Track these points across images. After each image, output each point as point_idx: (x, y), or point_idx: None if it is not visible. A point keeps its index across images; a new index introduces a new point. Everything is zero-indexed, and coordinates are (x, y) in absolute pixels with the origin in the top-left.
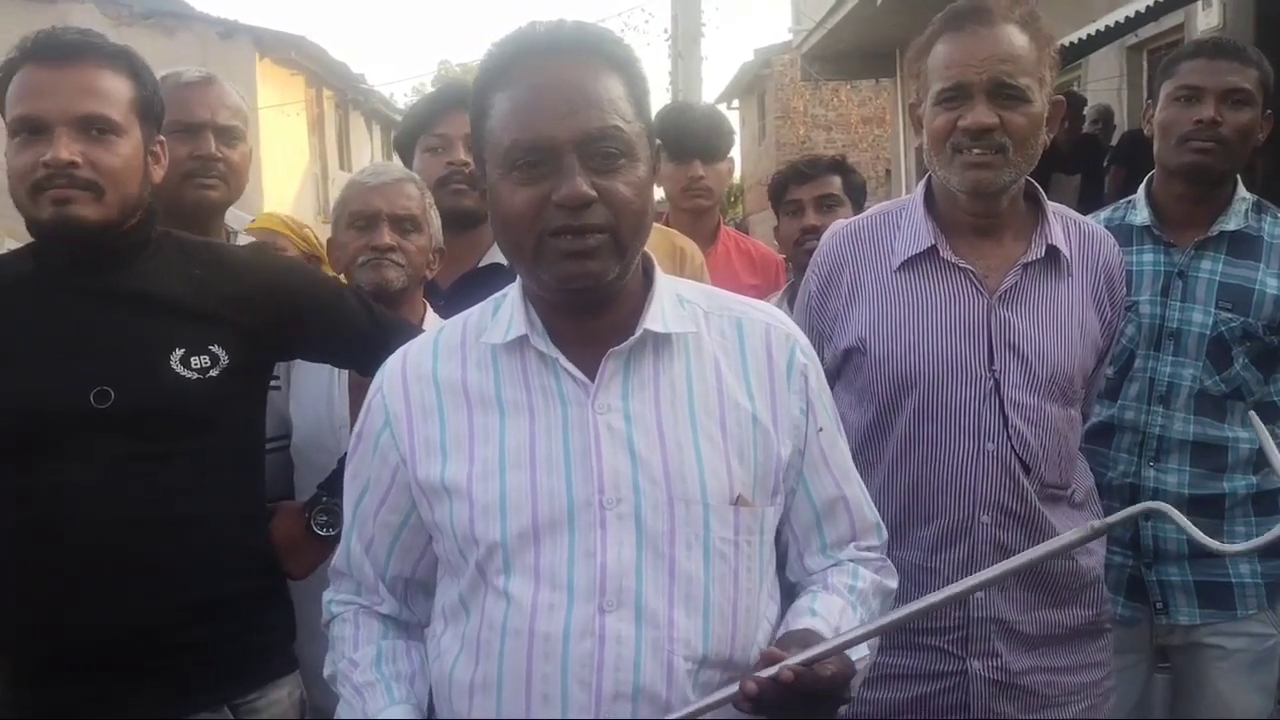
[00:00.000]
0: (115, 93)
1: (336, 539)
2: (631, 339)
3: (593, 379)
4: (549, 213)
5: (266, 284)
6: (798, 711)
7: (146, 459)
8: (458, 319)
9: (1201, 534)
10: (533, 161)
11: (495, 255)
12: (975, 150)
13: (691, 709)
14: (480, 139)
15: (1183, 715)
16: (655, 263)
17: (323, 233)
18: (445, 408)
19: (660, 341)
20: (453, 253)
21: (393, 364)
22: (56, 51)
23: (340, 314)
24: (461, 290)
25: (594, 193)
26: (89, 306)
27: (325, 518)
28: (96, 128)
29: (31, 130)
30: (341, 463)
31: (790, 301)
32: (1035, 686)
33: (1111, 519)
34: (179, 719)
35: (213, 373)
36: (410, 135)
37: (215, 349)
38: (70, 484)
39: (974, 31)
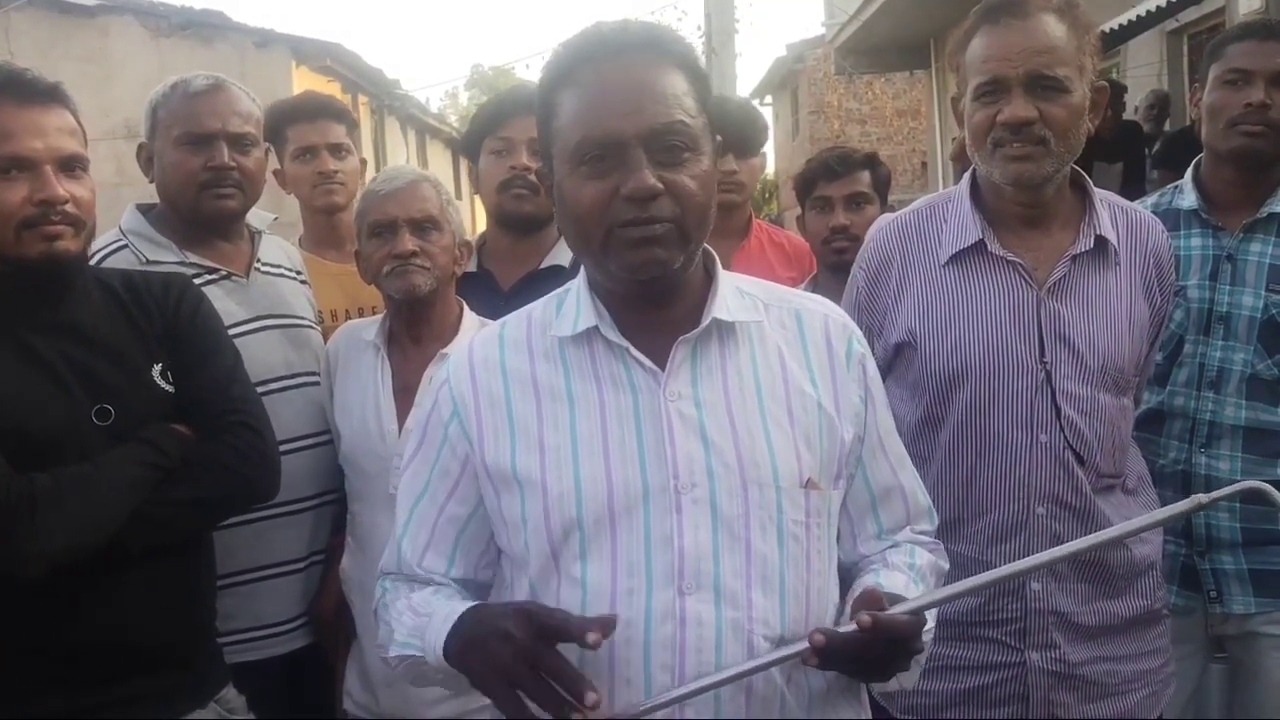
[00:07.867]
0: None
1: None
2: (700, 327)
3: (661, 368)
4: (617, 205)
5: (181, 316)
6: (870, 664)
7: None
8: (521, 314)
9: None
10: (600, 156)
11: (556, 257)
12: (1015, 144)
13: (759, 661)
14: (547, 137)
15: (1240, 705)
16: (716, 258)
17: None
18: (513, 397)
19: (725, 330)
20: (515, 255)
21: (458, 356)
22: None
23: (206, 370)
24: (523, 292)
25: (660, 185)
26: (69, 330)
27: None
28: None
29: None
30: None
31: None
32: (1095, 676)
33: (1217, 494)
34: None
35: (171, 389)
36: (477, 136)
37: (164, 364)
38: None
39: (1009, 24)
